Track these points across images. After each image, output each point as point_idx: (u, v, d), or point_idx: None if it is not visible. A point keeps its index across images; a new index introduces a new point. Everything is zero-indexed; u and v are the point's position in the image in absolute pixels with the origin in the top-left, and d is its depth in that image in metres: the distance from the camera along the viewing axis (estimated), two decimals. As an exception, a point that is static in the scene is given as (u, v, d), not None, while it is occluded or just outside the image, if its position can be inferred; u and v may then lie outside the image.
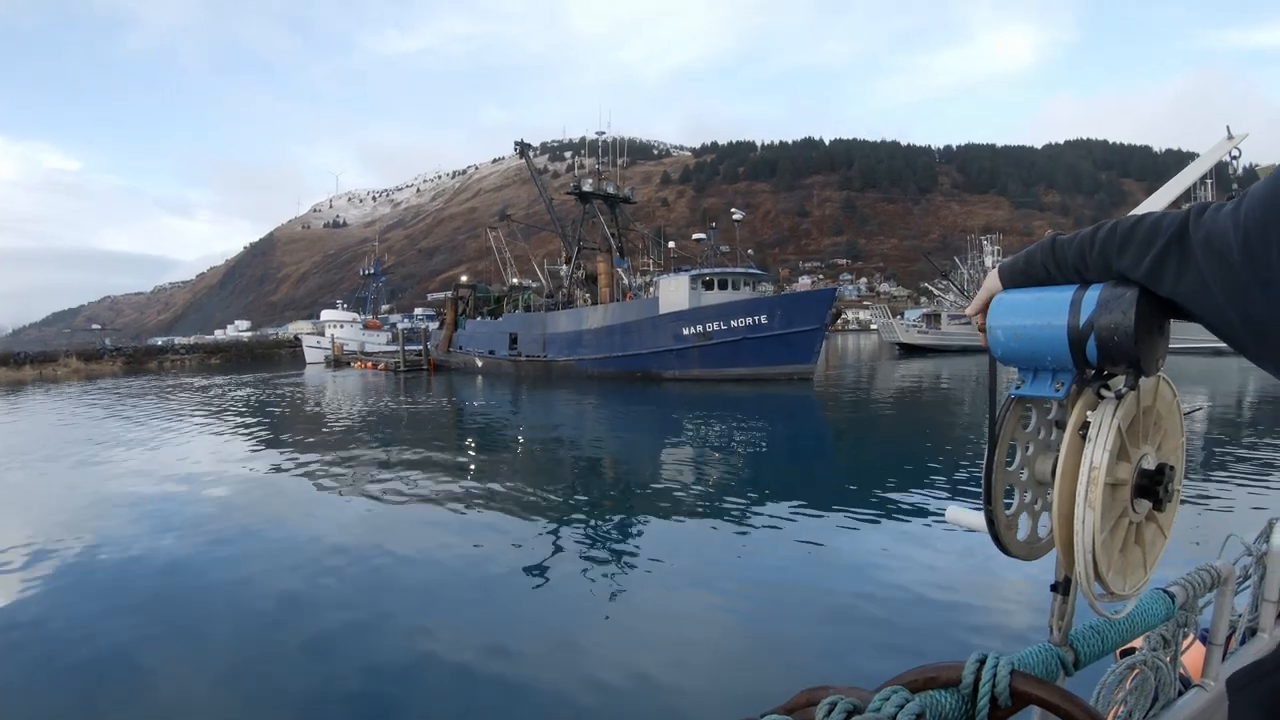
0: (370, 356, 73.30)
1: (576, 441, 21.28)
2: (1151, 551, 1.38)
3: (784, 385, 35.74)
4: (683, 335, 40.15)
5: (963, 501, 2.79)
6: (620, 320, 44.01)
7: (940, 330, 67.48)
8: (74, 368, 71.73)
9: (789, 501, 12.67)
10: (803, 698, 0.97)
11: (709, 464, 16.95)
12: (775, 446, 19.64)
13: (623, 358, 43.27)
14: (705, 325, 39.46)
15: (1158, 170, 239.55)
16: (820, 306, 38.13)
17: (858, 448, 20.09)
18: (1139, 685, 1.77)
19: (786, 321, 37.55)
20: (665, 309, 41.21)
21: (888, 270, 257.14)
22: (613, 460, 18.52)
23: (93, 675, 6.78)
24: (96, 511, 13.26)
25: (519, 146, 61.27)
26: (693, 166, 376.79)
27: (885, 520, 11.33)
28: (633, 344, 42.86)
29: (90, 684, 6.60)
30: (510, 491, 14.15)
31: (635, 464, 17.79)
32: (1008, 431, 1.35)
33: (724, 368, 38.97)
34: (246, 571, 9.64)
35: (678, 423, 24.05)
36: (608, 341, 44.40)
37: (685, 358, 40.37)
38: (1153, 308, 1.15)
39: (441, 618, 7.90)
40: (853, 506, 12.12)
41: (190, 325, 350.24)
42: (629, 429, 24.18)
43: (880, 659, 6.57)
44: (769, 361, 37.94)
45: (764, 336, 37.88)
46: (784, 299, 39.70)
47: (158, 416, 29.36)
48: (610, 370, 43.81)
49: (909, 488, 13.40)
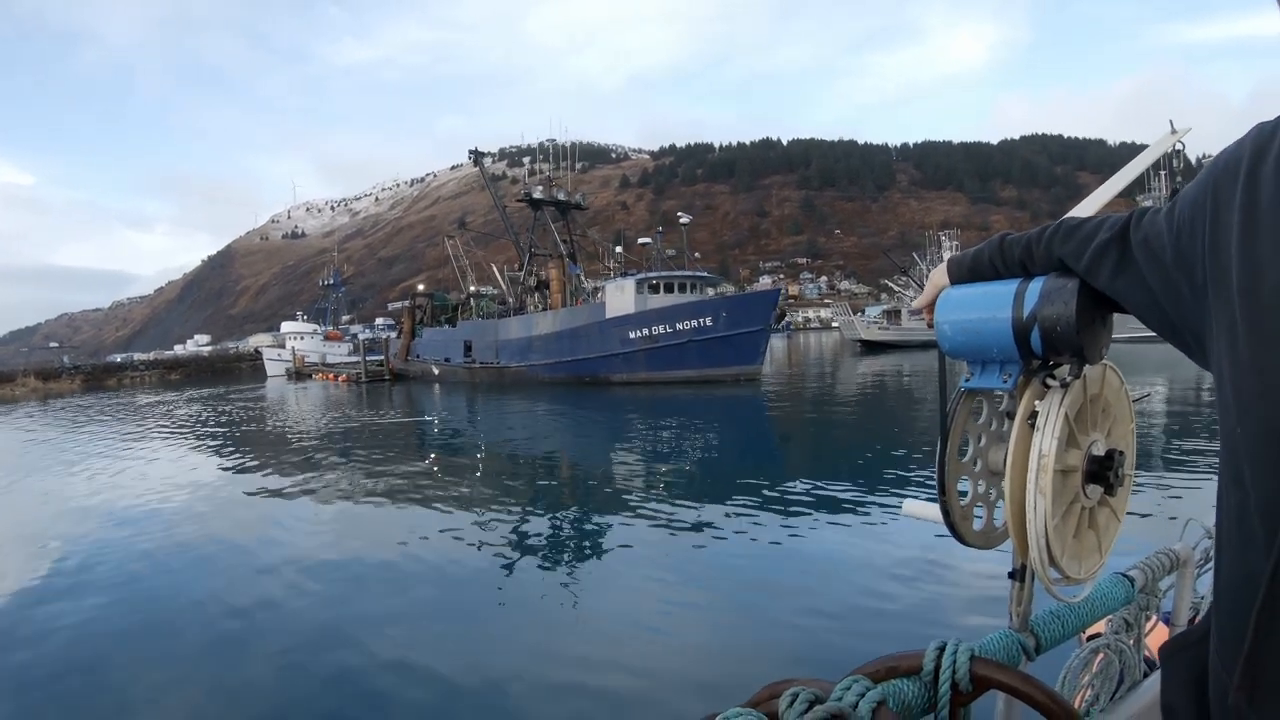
0: (332, 368, 72.84)
1: (532, 449, 21.48)
2: (1106, 535, 1.41)
3: (730, 386, 36.04)
4: (629, 339, 40.59)
5: (919, 494, 3.04)
6: (569, 325, 44.35)
7: (901, 326, 67.98)
8: (32, 387, 70.94)
9: (745, 500, 12.74)
10: (765, 692, 0.98)
11: (662, 467, 17.05)
12: (727, 447, 19.72)
13: (571, 362, 43.76)
14: (651, 328, 39.92)
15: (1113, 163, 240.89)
16: (764, 308, 38.50)
17: (814, 446, 20.08)
18: (1104, 669, 1.81)
19: (731, 323, 37.83)
20: (611, 313, 41.72)
21: (848, 268, 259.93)
22: (569, 466, 18.69)
23: (58, 692, 6.77)
24: (58, 529, 13.24)
25: (473, 155, 61.94)
26: (651, 169, 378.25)
27: (843, 516, 11.37)
28: (581, 349, 43.21)
29: (56, 698, 6.63)
30: (470, 498, 14.24)
31: (590, 469, 17.81)
32: (959, 424, 1.39)
33: (670, 370, 39.20)
34: (211, 587, 9.57)
35: (629, 426, 24.48)
36: (556, 347, 44.74)
37: (632, 361, 40.75)
38: (1094, 300, 1.18)
39: (410, 626, 7.91)
40: (809, 504, 12.16)
41: (149, 341, 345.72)
42: (581, 434, 24.25)
43: (846, 652, 6.49)
44: (714, 363, 38.16)
45: (709, 339, 38.23)
46: (728, 301, 40.04)
47: (117, 434, 29.16)
48: (560, 375, 44.10)
49: (865, 484, 13.41)
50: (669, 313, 39.49)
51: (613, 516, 12.27)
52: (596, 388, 40.15)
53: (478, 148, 61.99)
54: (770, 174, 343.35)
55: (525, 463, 19.18)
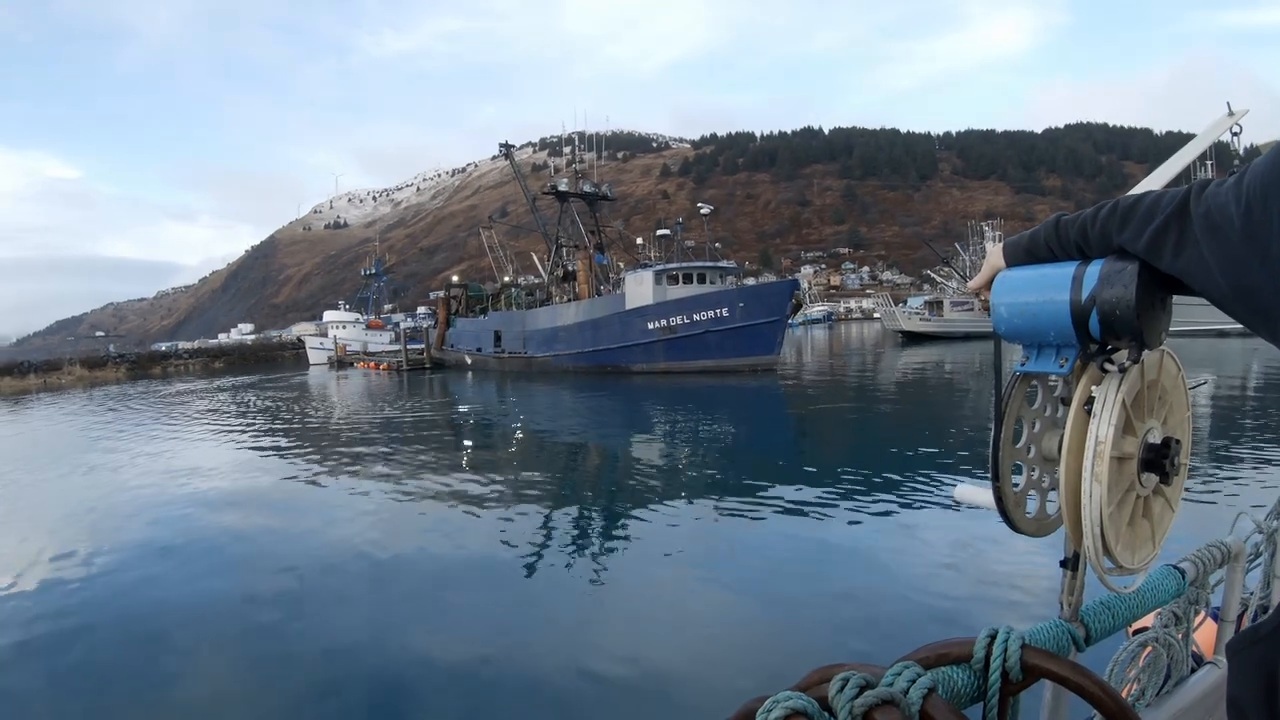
0: (373, 356, 73.78)
1: (562, 435, 21.91)
2: (1160, 525, 1.39)
3: (748, 377, 36.43)
4: (647, 330, 41.34)
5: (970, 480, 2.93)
6: (591, 316, 45.36)
7: (943, 317, 67.05)
8: (78, 375, 72.42)
9: (782, 489, 12.65)
10: (816, 675, 0.98)
11: (697, 455, 17.11)
12: (765, 436, 20.00)
13: (594, 352, 44.56)
14: (669, 319, 40.48)
15: (1158, 152, 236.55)
16: (780, 299, 38.86)
17: (855, 435, 19.89)
18: (1151, 663, 1.77)
19: (748, 314, 38.16)
20: (631, 304, 42.47)
21: (890, 258, 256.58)
22: (601, 453, 18.92)
23: (97, 676, 6.90)
24: (101, 517, 13.47)
25: (503, 148, 63.29)
26: (692, 159, 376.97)
27: (883, 504, 11.31)
28: (603, 339, 43.90)
29: (95, 686, 6.73)
30: (506, 485, 14.36)
31: (617, 456, 17.99)
32: (1014, 409, 1.36)
33: (688, 360, 39.56)
34: (252, 572, 9.76)
35: (662, 414, 24.78)
36: (580, 337, 45.74)
37: (651, 351, 41.36)
38: (1154, 282, 1.16)
39: (448, 612, 8.01)
40: (855, 492, 12.12)
41: (194, 330, 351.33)
42: (611, 423, 25.02)
43: (891, 640, 6.58)
44: (731, 354, 38.69)
45: (726, 329, 38.84)
46: (745, 292, 40.28)
47: (162, 422, 29.86)
48: (583, 365, 45.01)
49: (907, 473, 13.26)
50: (687, 304, 39.98)
51: (649, 504, 12.25)
52: (618, 377, 40.71)
53: (508, 141, 63.33)
54: (812, 163, 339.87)
55: (558, 450, 19.49)
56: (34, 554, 11.05)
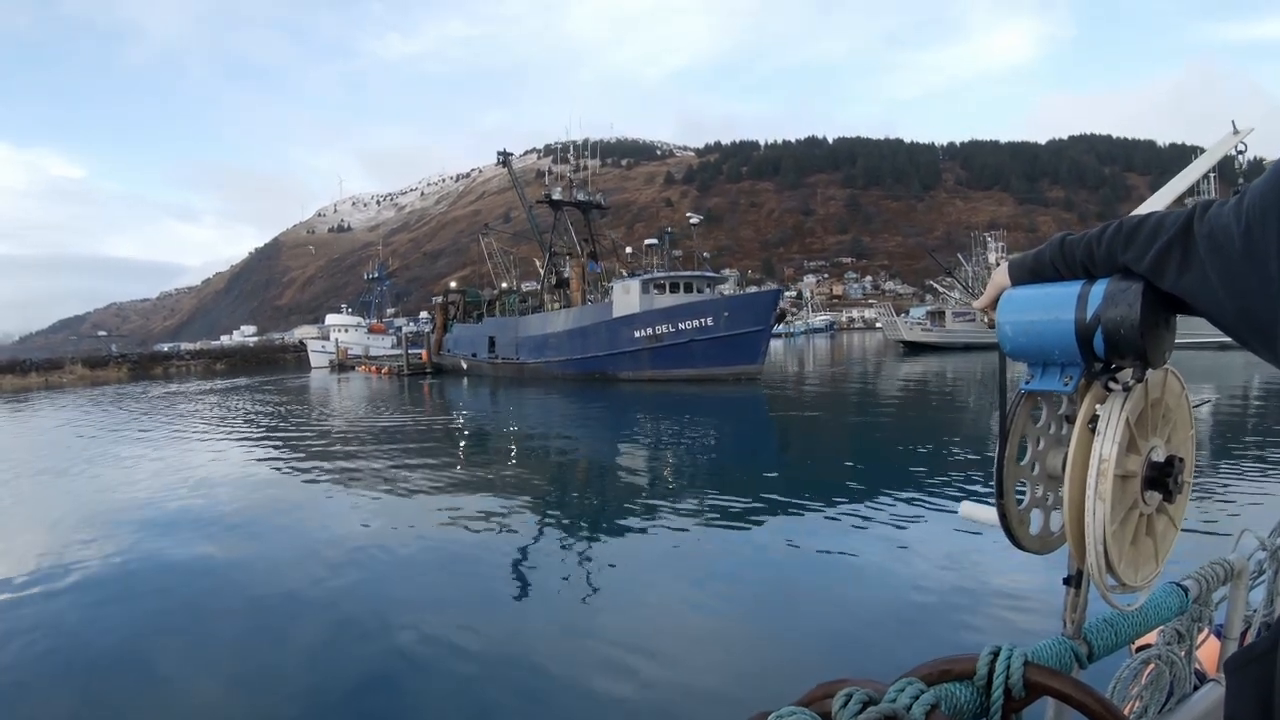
0: (374, 360, 74.04)
1: (551, 440, 22.18)
2: (1163, 543, 1.39)
3: (731, 385, 36.72)
4: (634, 338, 41.83)
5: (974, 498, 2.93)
6: (580, 324, 46.05)
7: (944, 328, 66.91)
8: (80, 374, 72.70)
9: (781, 501, 12.64)
10: (819, 691, 0.98)
11: (683, 465, 17.11)
12: (754, 449, 19.98)
13: (583, 359, 45.17)
14: (655, 328, 40.92)
15: (1162, 164, 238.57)
16: (765, 309, 39.04)
17: (849, 445, 19.70)
18: (1154, 680, 1.77)
19: (732, 323, 38.62)
20: (618, 312, 42.97)
21: (892, 268, 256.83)
22: (591, 461, 18.90)
23: (101, 672, 6.93)
24: (102, 515, 13.49)
25: (501, 156, 64.01)
26: (696, 166, 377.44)
27: (888, 518, 11.15)
28: (591, 346, 44.53)
29: (99, 681, 6.76)
30: (501, 490, 14.40)
31: (606, 465, 17.92)
32: (1018, 427, 1.37)
33: (673, 369, 40.28)
34: (253, 571, 9.84)
35: (648, 423, 24.91)
36: (569, 344, 46.49)
37: (638, 359, 41.91)
38: (1158, 302, 1.17)
39: (446, 616, 7.96)
40: (855, 506, 11.93)
41: (196, 331, 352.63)
42: (603, 429, 25.13)
43: (893, 656, 6.54)
44: (716, 362, 39.02)
45: (710, 338, 39.11)
46: (730, 301, 40.68)
47: (162, 422, 29.94)
48: (572, 372, 45.95)
49: (907, 487, 13.00)
50: (672, 312, 40.42)
51: (644, 513, 12.22)
52: (605, 384, 41.22)
53: (506, 149, 64.19)
54: (815, 172, 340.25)
55: (549, 458, 19.62)
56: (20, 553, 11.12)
